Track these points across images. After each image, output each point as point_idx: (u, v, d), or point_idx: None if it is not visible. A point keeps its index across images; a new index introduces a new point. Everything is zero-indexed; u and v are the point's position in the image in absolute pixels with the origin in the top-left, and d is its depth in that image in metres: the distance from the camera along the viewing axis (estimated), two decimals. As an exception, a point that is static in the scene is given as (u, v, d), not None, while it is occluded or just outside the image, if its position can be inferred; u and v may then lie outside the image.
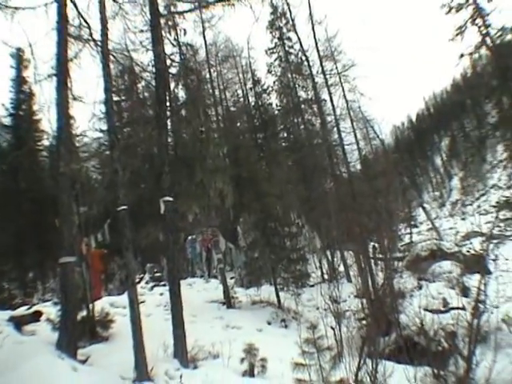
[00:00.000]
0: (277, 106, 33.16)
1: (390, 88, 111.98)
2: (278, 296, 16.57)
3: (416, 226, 46.99)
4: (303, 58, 28.35)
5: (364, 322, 11.63)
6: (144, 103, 17.21)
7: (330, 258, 23.50)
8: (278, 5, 30.50)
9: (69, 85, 9.59)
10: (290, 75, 30.98)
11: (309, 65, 27.40)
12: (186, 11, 12.21)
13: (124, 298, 9.56)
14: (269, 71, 32.03)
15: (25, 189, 24.01)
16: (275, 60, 31.73)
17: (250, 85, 33.72)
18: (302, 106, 30.06)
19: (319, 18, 27.21)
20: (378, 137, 34.68)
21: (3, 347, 8.01)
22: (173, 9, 12.07)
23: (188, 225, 19.32)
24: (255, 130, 31.50)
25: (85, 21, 10.22)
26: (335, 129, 26.95)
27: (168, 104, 13.25)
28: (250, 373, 9.56)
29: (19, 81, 25.58)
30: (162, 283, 17.54)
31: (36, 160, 25.93)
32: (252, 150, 23.07)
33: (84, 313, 10.54)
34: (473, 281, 11.15)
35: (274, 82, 32.30)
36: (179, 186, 13.58)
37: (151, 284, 18.82)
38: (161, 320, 11.99)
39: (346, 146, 26.57)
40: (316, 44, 26.58)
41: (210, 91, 27.84)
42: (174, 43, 12.67)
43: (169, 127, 13.48)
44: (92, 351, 9.55)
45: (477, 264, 10.85)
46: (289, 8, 28.60)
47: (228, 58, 33.87)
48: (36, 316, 11.24)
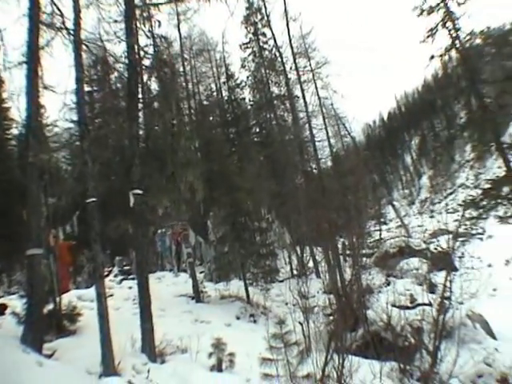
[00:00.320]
0: (250, 100, 33.22)
1: (363, 86, 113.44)
2: (247, 291, 16.63)
3: (385, 223, 47.62)
4: (277, 54, 28.45)
5: (332, 317, 11.79)
6: (116, 94, 16.97)
7: (299, 253, 23.71)
8: (253, 0, 30.42)
9: (39, 73, 9.37)
10: (263, 71, 30.99)
11: (282, 61, 27.52)
12: (161, 3, 12.14)
13: (92, 291, 9.43)
14: (242, 66, 31.99)
15: (-8, 178, 23.32)
16: (249, 55, 31.69)
17: (223, 79, 33.55)
18: (275, 101, 30.15)
19: (294, 14, 27.09)
20: (349, 134, 35.15)
21: (-34, 341, 7.84)
22: (148, 0, 11.94)
23: (158, 218, 19.21)
24: (227, 124, 31.40)
25: (58, 8, 9.97)
26: (307, 125, 27.10)
27: (140, 96, 13.11)
28: (217, 367, 9.60)
29: (-13, 67, 24.80)
30: (131, 276, 17.30)
31: (4, 149, 25.23)
32: (224, 145, 23.03)
33: (51, 306, 10.39)
34: (439, 278, 11.39)
35: (248, 77, 32.32)
36: (150, 178, 13.47)
37: (120, 277, 18.54)
38: (129, 314, 11.92)
39: (317, 143, 26.89)
40: (290, 40, 26.73)
41: (184, 84, 27.66)
42: (149, 35, 12.55)
43: (141, 119, 13.35)
44: (58, 345, 9.45)
45: (443, 261, 11.10)
46: (264, 4, 28.69)
47: (202, 52, 33.65)
48: (1, 309, 11.07)
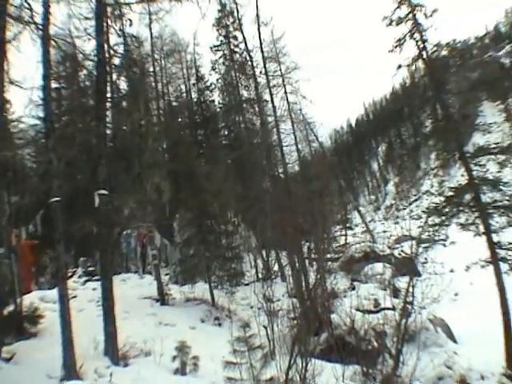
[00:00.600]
0: (219, 103, 33.28)
1: (332, 92, 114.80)
2: (212, 294, 16.58)
3: (351, 229, 48.21)
4: (247, 57, 28.44)
5: (296, 321, 11.89)
6: (85, 92, 16.65)
7: (264, 257, 23.77)
8: (226, 3, 30.39)
9: (6, 67, 9.21)
10: (233, 74, 31.03)
11: (252, 65, 27.56)
12: (133, 2, 11.98)
13: (55, 293, 9.25)
14: (213, 68, 32.00)
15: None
16: (220, 58, 31.69)
17: (193, 81, 33.48)
18: (244, 105, 30.16)
19: (266, 19, 27.10)
20: (317, 139, 35.39)
21: None
22: (120, -1, 11.80)
23: (123, 219, 18.93)
24: (196, 126, 31.35)
25: (27, 2, 9.76)
26: (275, 129, 27.18)
27: (109, 95, 12.94)
28: (181, 371, 9.57)
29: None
30: (96, 278, 17.00)
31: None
32: (192, 147, 22.98)
33: (11, 307, 10.10)
34: (403, 283, 11.65)
35: (218, 80, 32.41)
36: (116, 179, 13.25)
37: (84, 278, 18.31)
38: (93, 316, 11.68)
39: (285, 147, 26.88)
40: (261, 45, 26.72)
41: (153, 85, 27.39)
42: (119, 33, 12.30)
43: (108, 119, 13.16)
44: (18, 348, 9.15)
45: (407, 266, 11.36)
46: (236, 7, 28.59)
47: (173, 53, 33.32)
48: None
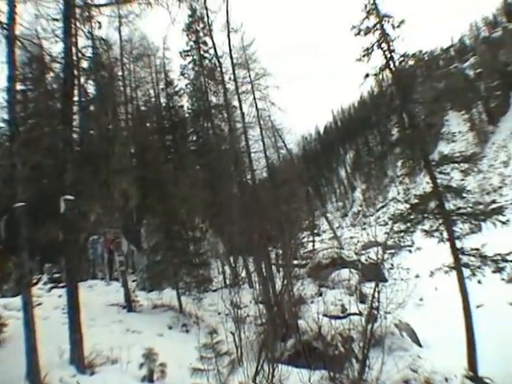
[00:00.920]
0: (188, 108, 33.23)
1: (301, 98, 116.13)
2: (179, 300, 16.44)
3: (319, 235, 48.61)
4: (217, 63, 28.45)
5: (263, 327, 11.92)
6: (51, 95, 16.40)
7: (232, 263, 23.74)
8: (196, 8, 30.38)
9: (-32, 67, 8.99)
10: (202, 79, 31.05)
11: (221, 71, 27.53)
12: (102, 5, 11.89)
13: (19, 300, 9.03)
14: (182, 74, 31.99)
15: None
16: (189, 63, 31.71)
17: (162, 85, 33.35)
18: (213, 111, 30.16)
19: (236, 25, 27.22)
20: (285, 146, 35.65)
21: None
22: (89, 0, 11.66)
23: (90, 225, 18.66)
24: (164, 131, 31.21)
25: (-10, 0, 9.56)
26: (243, 136, 27.26)
27: (76, 98, 12.78)
28: (149, 378, 9.47)
29: None
30: (61, 285, 16.67)
31: None
32: (159, 152, 22.88)
33: (-28, 315, 9.87)
34: (369, 288, 11.80)
35: (187, 85, 32.37)
36: (82, 184, 13.07)
37: (49, 285, 17.86)
38: (58, 323, 11.41)
39: (253, 154, 27.02)
40: (230, 51, 26.75)
41: (121, 89, 27.24)
42: (88, 36, 12.17)
43: (76, 122, 13.01)
44: (-21, 358, 8.95)
45: (373, 272, 11.53)
46: (207, 13, 28.53)
47: (142, 57, 33.19)
48: None
